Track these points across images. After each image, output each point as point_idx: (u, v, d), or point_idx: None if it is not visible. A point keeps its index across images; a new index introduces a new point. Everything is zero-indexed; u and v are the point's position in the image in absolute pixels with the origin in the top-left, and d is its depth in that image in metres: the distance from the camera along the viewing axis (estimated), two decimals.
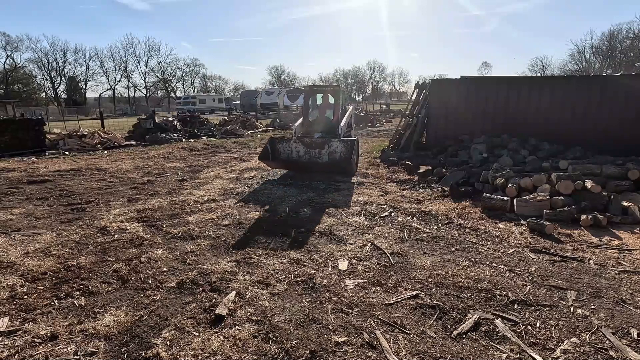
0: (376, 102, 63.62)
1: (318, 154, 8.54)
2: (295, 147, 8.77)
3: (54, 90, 61.95)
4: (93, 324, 3.00)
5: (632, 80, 9.00)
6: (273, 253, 4.39)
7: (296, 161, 8.71)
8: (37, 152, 13.39)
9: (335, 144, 8.40)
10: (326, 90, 10.31)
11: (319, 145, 8.52)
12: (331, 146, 8.42)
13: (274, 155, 8.85)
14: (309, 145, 8.59)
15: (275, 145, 8.97)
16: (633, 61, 48.17)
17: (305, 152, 8.63)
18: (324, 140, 8.53)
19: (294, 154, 8.77)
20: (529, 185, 6.11)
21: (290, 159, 8.78)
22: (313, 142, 8.58)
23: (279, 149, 8.93)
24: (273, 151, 8.86)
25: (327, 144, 8.44)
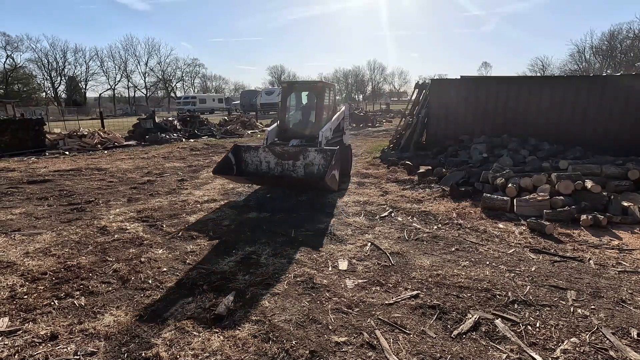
0: (376, 102, 63.59)
1: (292, 167, 6.90)
2: (264, 158, 7.08)
3: (54, 90, 61.97)
4: (93, 324, 3.00)
5: (632, 80, 9.00)
6: (273, 253, 4.39)
7: (266, 175, 7.09)
8: (37, 152, 13.40)
9: (312, 154, 6.71)
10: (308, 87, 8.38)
11: (292, 155, 6.85)
12: (307, 157, 6.76)
13: (240, 167, 7.22)
14: (281, 156, 6.94)
15: (241, 155, 7.27)
16: (633, 61, 48.20)
17: (277, 164, 6.99)
18: (298, 149, 6.87)
19: (263, 166, 7.11)
20: (529, 185, 6.11)
21: (259, 172, 7.15)
22: (285, 152, 6.90)
23: (245, 159, 7.26)
24: (238, 162, 7.22)
25: (302, 154, 6.77)
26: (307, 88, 8.28)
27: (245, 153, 7.27)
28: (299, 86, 8.44)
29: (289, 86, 8.35)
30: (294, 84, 8.34)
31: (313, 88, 8.12)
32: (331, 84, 8.74)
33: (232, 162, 7.09)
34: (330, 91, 8.36)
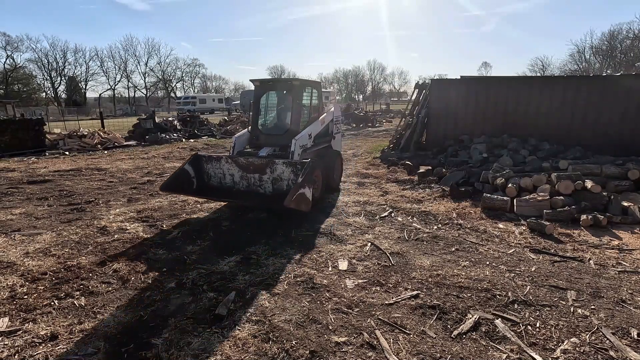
0: (376, 102, 63.59)
1: (258, 181, 5.93)
2: (228, 170, 6.11)
3: (54, 90, 61.97)
4: (93, 324, 3.00)
5: (632, 80, 9.00)
6: (273, 253, 4.39)
7: (230, 190, 6.17)
8: (37, 152, 13.40)
9: (280, 167, 5.70)
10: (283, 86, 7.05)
11: (258, 168, 5.84)
12: (275, 170, 5.75)
13: (202, 180, 6.32)
14: (245, 168, 5.94)
15: (202, 166, 6.31)
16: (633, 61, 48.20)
17: (242, 178, 6.05)
18: (264, 161, 5.80)
19: (227, 179, 6.18)
20: (529, 185, 6.11)
21: (223, 186, 6.22)
22: (250, 164, 5.88)
23: (207, 170, 6.32)
24: (199, 174, 6.30)
25: (269, 167, 5.76)
26: (282, 87, 6.96)
27: (207, 164, 6.28)
28: (274, 85, 7.08)
29: (261, 85, 6.93)
30: (268, 82, 6.96)
31: (288, 87, 6.73)
32: (314, 82, 7.23)
33: (190, 175, 6.16)
34: (313, 90, 7.10)
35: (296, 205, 4.89)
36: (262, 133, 6.82)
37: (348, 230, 5.16)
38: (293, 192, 4.86)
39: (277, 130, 6.80)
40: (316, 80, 7.56)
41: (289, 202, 4.73)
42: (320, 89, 7.43)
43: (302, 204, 5.02)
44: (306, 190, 5.09)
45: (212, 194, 6.17)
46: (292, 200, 4.77)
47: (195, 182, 6.24)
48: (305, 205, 5.08)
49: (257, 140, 6.77)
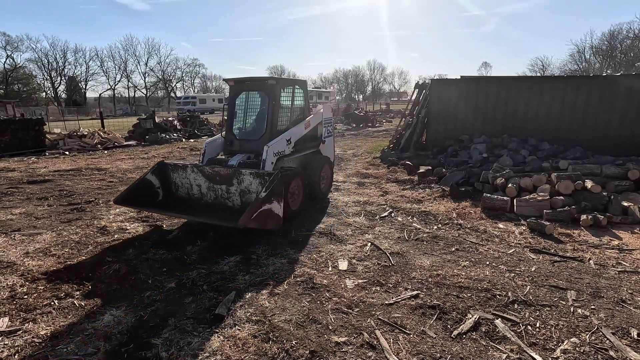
0: (376, 102, 63.58)
1: (226, 193, 5.32)
2: (194, 180, 5.51)
3: (54, 90, 61.98)
4: (93, 324, 3.00)
5: (632, 80, 9.00)
6: (273, 253, 4.39)
7: (198, 202, 5.57)
8: (37, 152, 13.40)
9: (248, 178, 5.06)
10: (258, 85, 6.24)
11: (224, 178, 5.23)
12: (242, 181, 5.12)
13: (169, 191, 5.71)
14: (212, 178, 5.35)
15: (169, 175, 5.69)
16: (633, 61, 48.22)
17: (209, 189, 5.44)
18: (230, 171, 5.20)
19: (194, 190, 5.57)
20: (529, 185, 6.11)
21: (191, 198, 5.63)
22: (216, 174, 5.29)
23: (174, 180, 5.68)
24: (166, 184, 5.68)
25: (236, 178, 5.15)
26: (258, 87, 6.21)
27: (174, 173, 5.66)
28: (250, 85, 6.26)
29: (236, 84, 6.27)
30: (244, 82, 6.24)
31: (263, 86, 6.00)
32: (297, 80, 6.54)
33: (154, 186, 5.56)
34: (296, 89, 6.42)
35: (259, 224, 4.34)
36: (236, 138, 6.12)
37: (348, 230, 5.16)
38: (253, 209, 4.23)
39: (253, 135, 6.09)
40: (300, 78, 6.82)
41: (246, 220, 4.12)
42: (305, 88, 6.74)
43: (268, 221, 4.47)
44: (274, 205, 4.53)
45: (176, 207, 5.47)
46: (250, 218, 4.16)
47: (162, 193, 5.64)
48: (273, 223, 4.55)
49: (231, 146, 6.10)
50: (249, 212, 4.19)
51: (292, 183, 5.48)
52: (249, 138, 6.08)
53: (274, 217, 4.56)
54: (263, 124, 6.01)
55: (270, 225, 4.57)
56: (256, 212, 4.26)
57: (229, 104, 6.32)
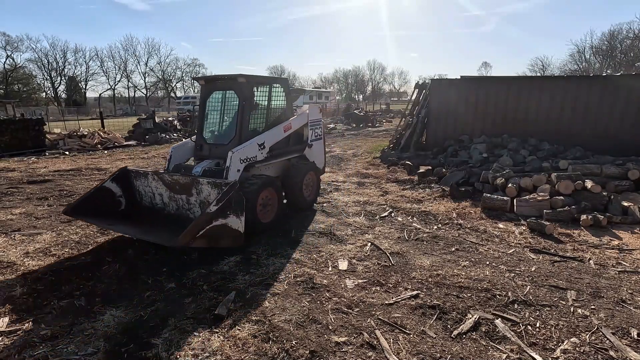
0: (376, 102, 63.57)
1: (187, 204, 4.83)
2: (156, 188, 5.08)
3: (54, 90, 61.99)
4: (93, 324, 3.00)
5: (632, 81, 9.00)
6: (273, 253, 4.39)
7: (161, 212, 5.11)
8: (37, 152, 13.41)
9: (206, 188, 4.56)
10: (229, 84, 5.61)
11: (183, 188, 4.79)
12: (201, 192, 4.64)
13: (134, 199, 5.29)
14: (172, 187, 4.91)
15: (132, 182, 5.30)
16: (633, 61, 48.20)
17: (171, 199, 4.97)
18: (189, 179, 4.74)
19: (157, 200, 5.13)
20: (529, 185, 6.11)
21: (155, 208, 5.18)
22: (176, 182, 4.84)
23: (138, 188, 5.27)
24: (129, 193, 5.28)
25: (194, 188, 4.68)
26: (228, 85, 5.59)
27: (137, 180, 5.25)
28: (221, 84, 5.69)
29: (207, 83, 5.81)
30: (216, 81, 5.73)
31: (233, 85, 5.45)
32: (275, 78, 5.99)
33: (115, 194, 5.14)
34: (274, 88, 5.82)
35: (208, 243, 3.87)
36: (206, 142, 5.64)
37: (348, 230, 5.16)
38: (197, 226, 3.72)
39: (223, 139, 5.53)
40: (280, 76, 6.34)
41: (188, 239, 3.62)
42: (287, 87, 6.14)
43: (222, 239, 4.01)
44: (230, 220, 4.03)
45: (141, 217, 5.10)
46: (194, 236, 3.68)
47: (124, 202, 5.22)
48: (229, 241, 4.09)
49: (200, 151, 5.65)
50: (191, 230, 3.67)
51: (263, 193, 4.96)
52: (218, 142, 5.55)
53: (231, 234, 4.07)
54: (234, 126, 5.44)
55: (225, 244, 4.07)
56: (203, 229, 3.76)
57: (200, 105, 5.86)
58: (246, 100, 5.27)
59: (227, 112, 5.74)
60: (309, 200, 6.20)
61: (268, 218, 5.12)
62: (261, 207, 4.99)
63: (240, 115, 5.30)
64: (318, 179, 6.54)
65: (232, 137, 5.35)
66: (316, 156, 6.66)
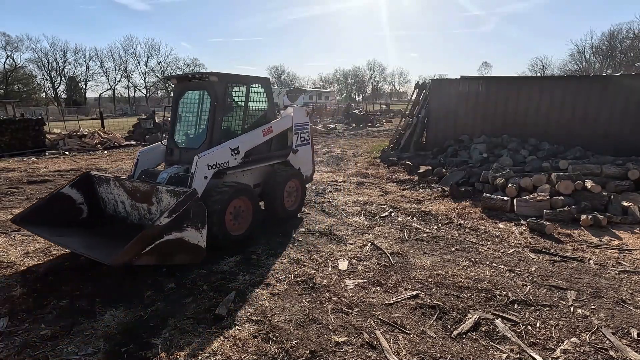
0: (376, 102, 63.57)
1: (148, 214, 4.43)
2: (118, 196, 4.72)
3: (54, 90, 61.99)
4: (93, 324, 3.00)
5: (632, 81, 9.00)
6: (273, 253, 4.39)
7: (124, 221, 4.73)
8: (37, 152, 13.41)
9: (166, 197, 4.16)
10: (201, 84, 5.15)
11: (144, 196, 4.42)
12: (161, 201, 4.24)
13: (97, 207, 4.94)
14: (133, 195, 4.55)
15: (96, 188, 4.94)
16: (633, 61, 48.21)
17: (133, 207, 4.60)
18: (149, 187, 4.36)
19: (120, 208, 4.77)
20: (529, 185, 6.11)
21: (118, 216, 4.82)
22: (136, 190, 4.49)
23: (101, 194, 4.92)
24: (92, 200, 4.92)
25: (155, 196, 4.29)
26: (202, 85, 5.12)
27: (100, 186, 4.88)
28: (194, 83, 5.24)
29: (179, 83, 5.40)
30: (188, 80, 5.30)
31: (205, 85, 5.01)
32: (254, 77, 5.39)
33: (75, 202, 4.77)
34: (254, 88, 5.35)
35: (159, 259, 3.49)
36: (177, 146, 5.23)
37: (348, 230, 5.16)
38: (143, 241, 3.30)
39: (194, 143, 5.11)
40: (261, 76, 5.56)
41: (129, 255, 3.22)
42: (269, 87, 5.64)
43: (178, 255, 3.63)
44: (187, 233, 3.63)
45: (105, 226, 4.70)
46: (138, 253, 3.28)
47: (86, 209, 4.86)
48: (187, 257, 3.72)
49: (171, 155, 5.26)
50: (134, 246, 3.25)
51: (235, 202, 4.54)
52: (189, 146, 5.12)
53: (188, 250, 3.68)
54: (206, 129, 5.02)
55: (182, 260, 3.70)
56: (151, 245, 3.35)
57: (172, 105, 5.43)
58: (218, 101, 4.82)
59: (202, 113, 5.27)
60: (291, 210, 5.74)
61: (240, 230, 4.67)
62: (232, 218, 4.55)
63: (211, 117, 4.85)
64: (303, 187, 5.97)
65: (203, 140, 4.93)
66: (302, 162, 6.15)
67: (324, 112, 32.46)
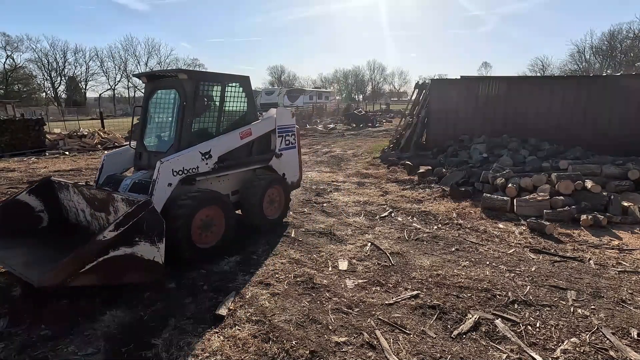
0: (376, 102, 63.56)
1: (107, 224, 3.88)
2: (78, 203, 4.38)
3: (54, 90, 61.99)
4: (93, 324, 3.00)
5: (632, 80, 9.00)
6: (273, 253, 4.39)
7: (86, 231, 4.35)
8: (37, 152, 13.40)
9: (122, 206, 3.76)
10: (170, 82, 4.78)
11: (102, 204, 4.06)
12: (118, 210, 3.83)
13: (58, 215, 4.61)
14: (91, 203, 4.20)
15: (57, 195, 4.62)
16: (633, 61, 48.21)
17: (93, 216, 4.25)
18: (105, 195, 3.99)
19: (81, 217, 4.43)
20: (529, 185, 6.11)
21: (80, 225, 4.48)
22: (94, 197, 4.13)
23: (63, 202, 4.60)
24: (54, 208, 4.59)
25: (111, 205, 3.92)
26: (171, 83, 4.74)
27: (61, 193, 4.56)
28: (164, 82, 4.87)
29: (150, 81, 4.99)
30: (158, 78, 4.92)
31: (174, 83, 4.65)
32: (231, 76, 4.98)
33: (34, 209, 4.42)
34: (231, 87, 4.96)
35: (104, 279, 3.10)
36: (145, 150, 4.87)
37: (348, 230, 5.16)
38: (81, 259, 2.91)
39: (163, 147, 4.73)
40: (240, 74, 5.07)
41: (62, 276, 2.83)
42: (248, 86, 5.20)
43: (128, 272, 3.23)
44: (139, 248, 3.22)
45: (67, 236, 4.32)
46: (74, 273, 2.87)
47: (47, 218, 4.52)
48: (140, 274, 3.31)
49: (139, 159, 4.90)
50: (69, 265, 2.87)
51: (203, 212, 4.14)
52: (158, 150, 4.72)
53: (141, 266, 3.26)
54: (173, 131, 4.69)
55: (134, 279, 3.31)
56: (92, 263, 2.93)
57: (142, 106, 5.06)
58: (187, 101, 4.41)
59: (174, 114, 4.87)
60: (272, 219, 5.28)
61: (210, 242, 4.27)
62: (200, 230, 4.15)
63: (180, 119, 4.46)
64: (287, 194, 5.50)
65: (171, 144, 4.56)
66: (287, 168, 5.70)
67: (324, 112, 32.47)
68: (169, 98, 4.93)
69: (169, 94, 4.94)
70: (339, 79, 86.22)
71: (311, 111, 31.47)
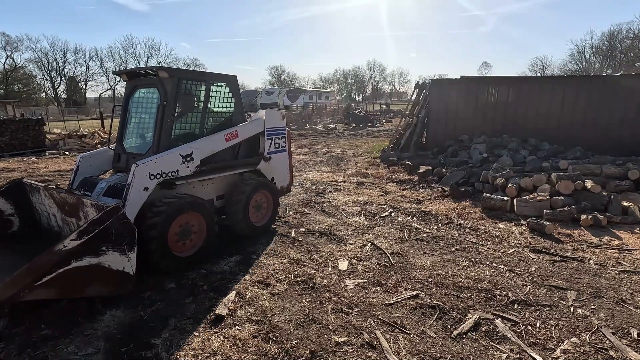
0: (376, 102, 63.56)
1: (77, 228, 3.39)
2: (50, 208, 4.16)
3: (54, 90, 61.97)
4: (93, 324, 3.00)
5: (632, 80, 9.00)
6: (273, 253, 4.39)
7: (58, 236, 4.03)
8: (37, 152, 13.41)
9: (92, 212, 3.55)
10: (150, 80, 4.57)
11: (72, 209, 3.85)
12: (87, 215, 3.63)
13: (29, 220, 4.38)
14: (62, 207, 3.98)
15: (29, 198, 4.39)
16: (633, 61, 48.19)
17: (64, 222, 4.03)
18: (75, 199, 3.78)
19: (53, 222, 4.20)
20: (529, 185, 6.11)
21: (52, 231, 4.24)
22: (64, 201, 3.91)
23: (35, 205, 4.37)
24: (25, 212, 4.37)
25: (81, 209, 3.72)
26: (151, 82, 4.51)
27: (32, 196, 4.32)
28: (145, 80, 4.65)
29: (130, 79, 4.77)
30: (139, 76, 4.71)
31: (154, 82, 4.42)
32: (216, 75, 4.79)
33: (3, 213, 4.21)
34: (216, 87, 4.76)
35: (66, 292, 2.89)
36: (124, 152, 4.66)
37: (348, 230, 5.16)
38: (37, 270, 2.64)
39: (142, 148, 4.53)
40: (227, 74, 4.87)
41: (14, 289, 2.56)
42: (235, 86, 4.99)
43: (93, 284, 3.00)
44: (107, 258, 3.01)
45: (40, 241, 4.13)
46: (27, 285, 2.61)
47: (17, 222, 4.28)
48: (107, 287, 3.11)
49: (118, 162, 4.69)
50: (23, 276, 2.59)
51: (182, 218, 3.93)
52: (137, 152, 4.51)
53: (109, 278, 3.05)
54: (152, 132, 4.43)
55: (99, 291, 3.08)
56: (50, 274, 2.69)
57: (122, 105, 4.82)
58: (167, 100, 4.19)
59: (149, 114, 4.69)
60: (259, 226, 5.03)
61: (189, 250, 4.06)
62: (178, 237, 3.93)
63: (159, 119, 4.22)
64: (275, 199, 5.24)
65: (150, 145, 4.33)
66: (277, 172, 5.48)
67: (324, 112, 32.46)
68: (150, 97, 4.69)
69: (149, 92, 4.70)
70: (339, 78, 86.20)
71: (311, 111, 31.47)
